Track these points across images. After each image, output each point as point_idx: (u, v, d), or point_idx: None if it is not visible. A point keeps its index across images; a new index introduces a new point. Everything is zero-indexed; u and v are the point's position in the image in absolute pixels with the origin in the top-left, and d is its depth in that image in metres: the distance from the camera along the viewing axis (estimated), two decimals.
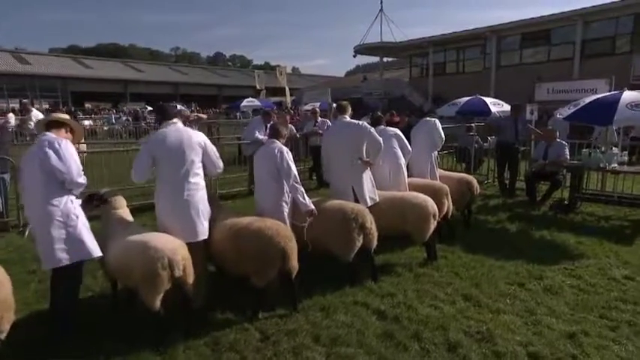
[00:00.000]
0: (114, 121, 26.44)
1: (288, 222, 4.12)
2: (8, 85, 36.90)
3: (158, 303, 3.05)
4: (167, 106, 4.06)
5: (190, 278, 3.24)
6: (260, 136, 8.32)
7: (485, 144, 10.16)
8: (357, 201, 4.74)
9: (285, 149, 4.12)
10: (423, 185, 5.67)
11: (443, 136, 6.46)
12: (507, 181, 8.56)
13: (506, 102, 9.74)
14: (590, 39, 21.52)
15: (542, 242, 5.74)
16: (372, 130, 4.78)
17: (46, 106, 38.80)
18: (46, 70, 40.06)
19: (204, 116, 8.55)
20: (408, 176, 5.83)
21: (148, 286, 3.01)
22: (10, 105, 34.41)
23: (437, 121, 6.48)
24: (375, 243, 4.31)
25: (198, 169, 3.59)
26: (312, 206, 4.11)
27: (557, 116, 7.94)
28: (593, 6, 20.67)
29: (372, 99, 30.62)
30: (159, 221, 3.64)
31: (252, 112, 14.64)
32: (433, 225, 4.80)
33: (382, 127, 5.81)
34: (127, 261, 3.13)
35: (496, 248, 5.36)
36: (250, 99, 20.95)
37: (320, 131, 8.78)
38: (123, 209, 3.88)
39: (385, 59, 36.25)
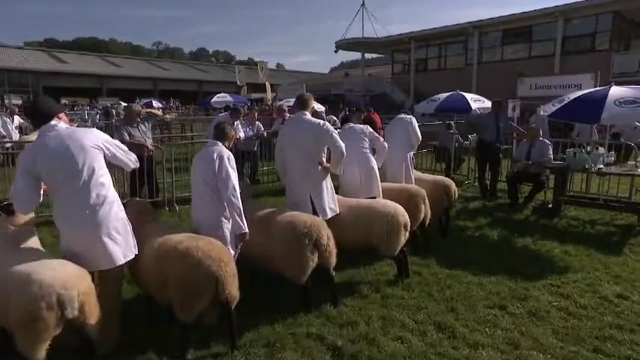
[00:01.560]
0: (87, 117, 25.26)
1: (229, 240, 3.46)
2: None
3: (41, 355, 2.36)
4: (42, 103, 2.94)
5: (93, 317, 2.56)
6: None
7: (465, 142, 9.66)
8: (315, 212, 4.12)
9: (227, 154, 3.45)
10: (397, 190, 5.08)
11: (419, 134, 5.89)
12: (488, 182, 8.07)
13: (489, 98, 9.24)
14: (571, 36, 21.33)
15: (525, 253, 5.21)
16: (334, 132, 4.15)
17: (17, 101, 37.32)
18: (16, 64, 38.24)
19: (159, 112, 7.77)
20: (382, 180, 5.24)
21: (25, 332, 2.32)
22: None
23: (412, 119, 5.91)
24: (333, 261, 3.69)
25: (102, 176, 2.84)
26: (246, 229, 3.42)
27: (541, 113, 7.46)
28: (575, 2, 20.47)
29: (353, 96, 30.09)
30: (61, 248, 2.92)
31: (224, 108, 13.86)
32: (404, 237, 4.20)
33: (351, 124, 5.21)
34: (3, 297, 2.43)
35: (475, 260, 4.81)
36: (222, 94, 19.98)
37: None
38: (24, 225, 3.16)
39: (369, 56, 35.76)
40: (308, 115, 4.24)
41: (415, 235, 4.99)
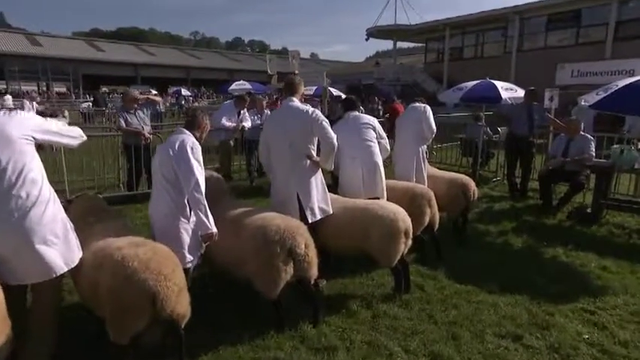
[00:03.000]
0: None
1: (187, 244, 2.99)
2: (21, 67, 36.73)
3: None
4: None
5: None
6: (227, 123, 7.19)
7: (495, 136, 8.76)
8: (302, 212, 3.58)
9: (191, 143, 2.96)
10: (401, 189, 4.44)
11: (433, 126, 5.18)
12: (519, 180, 7.22)
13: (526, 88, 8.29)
14: (626, 20, 19.33)
15: (554, 266, 4.44)
16: (324, 121, 3.56)
17: (61, 89, 38.77)
18: (57, 53, 39.70)
19: (159, 98, 7.44)
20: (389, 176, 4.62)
21: None
22: (23, 88, 34.36)
23: (427, 108, 5.20)
24: (314, 273, 3.14)
25: (33, 172, 2.38)
26: (213, 229, 2.96)
27: (582, 103, 6.51)
28: None
29: (384, 85, 29.05)
30: None
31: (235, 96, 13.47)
32: (404, 245, 3.59)
33: (355, 114, 4.59)
34: None
35: (492, 273, 4.12)
36: (241, 82, 19.60)
37: None
38: None
39: (403, 45, 34.48)
40: (296, 102, 3.67)
41: (422, 242, 4.35)
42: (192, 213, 3.00)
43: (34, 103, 12.96)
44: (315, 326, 3.15)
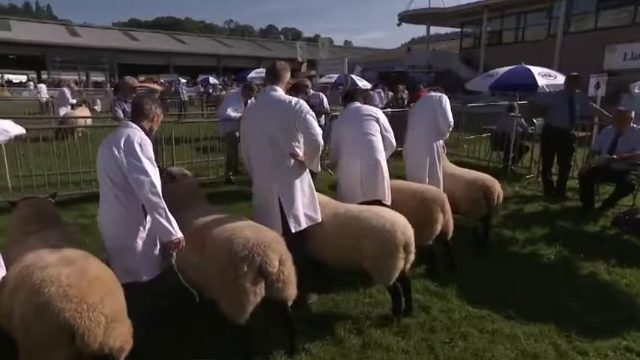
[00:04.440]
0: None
1: (142, 257, 2.59)
2: (61, 58, 38.13)
3: None
4: None
5: None
6: (233, 113, 6.76)
7: (530, 128, 7.87)
8: (284, 220, 3.08)
9: (139, 138, 2.52)
10: (407, 191, 3.85)
11: (450, 119, 4.52)
12: (555, 179, 6.40)
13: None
14: None
15: (593, 286, 3.73)
16: (309, 113, 3.02)
17: (99, 78, 39.97)
18: (95, 43, 40.86)
19: (158, 87, 7.14)
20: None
21: None
22: (62, 77, 35.65)
23: (443, 98, 4.54)
24: (290, 293, 2.65)
25: None
26: (179, 234, 2.54)
27: (636, 90, 5.59)
28: None
29: (416, 73, 27.87)
30: None
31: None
32: (404, 261, 3.02)
33: (357, 105, 4.03)
34: None
35: (514, 293, 3.49)
36: (261, 69, 19.08)
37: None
38: None
39: (438, 31, 32.93)
40: (279, 91, 3.15)
41: (432, 252, 3.77)
42: (147, 219, 2.57)
43: (68, 92, 13.05)
44: (290, 356, 2.68)
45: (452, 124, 4.53)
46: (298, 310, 2.89)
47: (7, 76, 39.57)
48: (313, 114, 3.06)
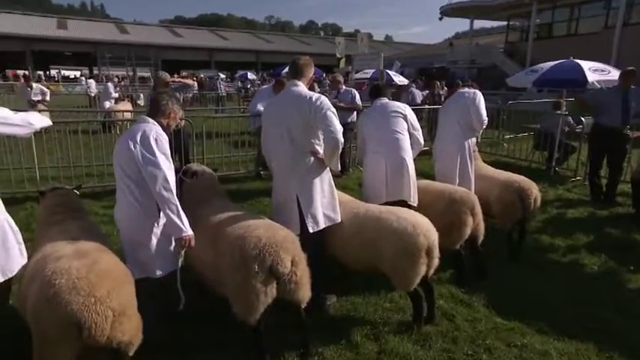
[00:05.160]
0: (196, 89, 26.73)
1: (153, 250, 2.59)
2: (111, 54, 40.15)
3: None
4: None
5: None
6: (262, 109, 6.74)
7: (578, 127, 7.33)
8: (302, 219, 3.00)
9: (155, 133, 2.51)
10: (434, 193, 3.66)
11: (484, 116, 4.25)
12: (605, 182, 5.92)
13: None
14: None
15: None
16: (329, 110, 2.90)
17: (146, 74, 41.70)
18: (141, 40, 42.65)
19: (192, 82, 7.21)
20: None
21: None
22: (111, 72, 37.49)
23: (477, 94, 4.27)
24: (303, 295, 2.56)
25: None
26: (189, 232, 2.52)
27: None
28: None
29: (457, 68, 26.92)
30: None
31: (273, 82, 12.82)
32: (426, 266, 2.86)
33: (384, 101, 3.87)
34: None
35: (548, 305, 3.24)
36: None
37: (341, 103, 6.88)
38: None
39: (481, 25, 31.63)
40: (301, 87, 3.05)
41: (460, 257, 3.56)
42: (162, 215, 2.57)
43: (111, 87, 13.64)
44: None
45: (485, 122, 4.26)
46: (315, 311, 2.81)
47: (63, 72, 42.13)
48: (334, 111, 2.94)
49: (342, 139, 2.88)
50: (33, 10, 54.78)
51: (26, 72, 24.31)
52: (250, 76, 27.14)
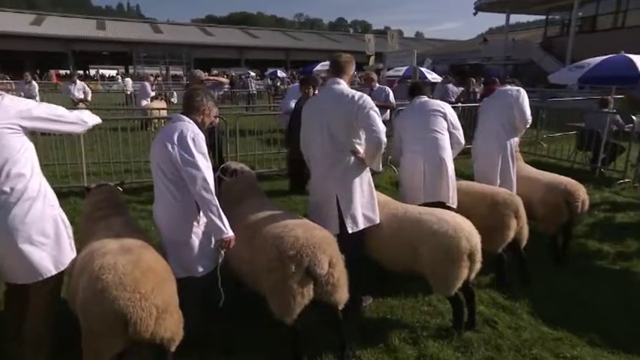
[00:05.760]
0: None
1: (196, 250, 2.60)
2: (145, 53, 41.44)
3: None
4: None
5: None
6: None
7: (628, 126, 6.92)
8: (341, 219, 2.95)
9: (192, 132, 2.50)
10: (475, 194, 3.53)
11: (529, 115, 4.07)
12: None
13: None
14: None
15: None
16: (372, 109, 2.84)
17: (177, 72, 42.79)
18: (174, 39, 43.76)
19: (226, 80, 7.27)
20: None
21: None
22: (146, 71, 38.69)
23: (521, 92, 4.08)
24: (341, 297, 2.52)
25: (18, 165, 2.12)
26: (230, 233, 2.52)
27: None
28: None
29: (492, 65, 26.10)
30: None
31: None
32: (468, 270, 2.76)
33: (423, 99, 3.76)
34: None
35: (599, 315, 3.05)
36: (326, 62, 18.89)
37: (375, 101, 6.74)
38: None
39: (521, 19, 30.47)
40: (342, 84, 3.00)
41: (502, 261, 3.42)
42: (201, 214, 2.58)
43: (148, 86, 14.03)
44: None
45: (529, 121, 4.08)
46: (351, 313, 2.77)
47: (101, 71, 43.84)
48: (377, 110, 2.88)
49: (384, 139, 2.81)
50: (74, 12, 57.28)
51: (68, 71, 25.45)
52: (280, 73, 27.26)
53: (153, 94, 14.16)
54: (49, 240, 2.24)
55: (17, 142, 2.14)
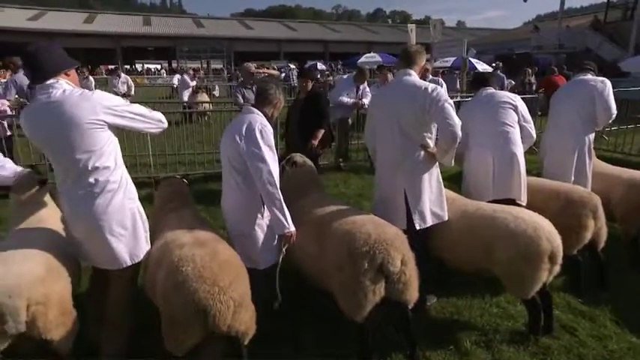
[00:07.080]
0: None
1: (260, 244, 2.59)
2: (188, 48, 42.54)
3: None
4: (43, 53, 2.13)
5: (53, 332, 2.00)
6: (346, 99, 6.66)
7: None
8: (409, 215, 2.85)
9: (260, 125, 2.48)
10: (549, 192, 3.30)
11: (614, 110, 3.75)
12: None
13: None
14: None
15: None
16: (446, 101, 2.69)
17: (218, 66, 43.70)
18: (215, 33, 44.63)
19: (277, 72, 7.27)
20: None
21: None
22: (188, 65, 39.76)
23: (606, 83, 3.75)
24: (412, 296, 2.42)
25: (102, 158, 2.18)
26: (291, 228, 2.49)
27: None
28: None
29: (542, 54, 24.70)
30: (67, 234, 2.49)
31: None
32: (548, 272, 2.58)
33: (490, 91, 3.57)
34: None
35: None
36: (372, 54, 18.49)
37: None
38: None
39: (574, 4, 28.60)
40: (413, 76, 2.87)
41: (578, 264, 3.20)
42: (266, 208, 2.57)
43: (187, 78, 14.30)
44: None
45: (614, 116, 3.75)
46: (416, 312, 2.67)
47: (146, 66, 45.51)
48: (452, 102, 2.73)
49: (460, 133, 2.66)
50: (121, 9, 59.72)
51: (116, 66, 26.55)
52: (320, 66, 27.18)
53: (193, 83, 14.20)
54: (126, 232, 2.30)
55: (103, 136, 2.20)
